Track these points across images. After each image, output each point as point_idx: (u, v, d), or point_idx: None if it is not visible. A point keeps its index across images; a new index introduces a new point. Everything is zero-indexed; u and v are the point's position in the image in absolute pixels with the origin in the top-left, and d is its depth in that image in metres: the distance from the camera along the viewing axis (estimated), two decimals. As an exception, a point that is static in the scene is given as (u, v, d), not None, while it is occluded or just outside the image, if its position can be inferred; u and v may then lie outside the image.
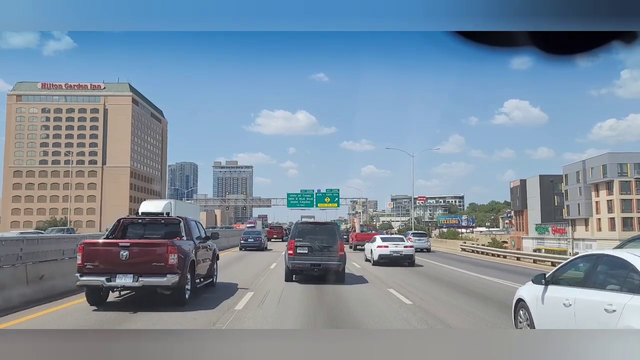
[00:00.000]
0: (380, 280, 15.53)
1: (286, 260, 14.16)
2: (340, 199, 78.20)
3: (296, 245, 13.83)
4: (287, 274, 14.11)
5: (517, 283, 12.29)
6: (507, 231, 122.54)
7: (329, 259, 13.76)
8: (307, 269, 13.91)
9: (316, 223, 15.85)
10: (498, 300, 11.67)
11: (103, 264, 8.92)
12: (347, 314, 9.45)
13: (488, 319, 9.34)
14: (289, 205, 77.88)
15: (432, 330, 7.79)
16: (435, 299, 11.81)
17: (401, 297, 11.75)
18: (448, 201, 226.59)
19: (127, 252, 8.88)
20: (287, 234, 32.15)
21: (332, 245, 13.97)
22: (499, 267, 22.90)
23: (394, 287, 13.57)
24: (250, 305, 10.04)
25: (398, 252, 20.56)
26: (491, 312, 10.15)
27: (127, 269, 8.83)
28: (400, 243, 21.29)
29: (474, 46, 1.58)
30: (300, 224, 15.12)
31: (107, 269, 8.87)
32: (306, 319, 8.86)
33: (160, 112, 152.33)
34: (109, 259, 8.93)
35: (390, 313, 9.69)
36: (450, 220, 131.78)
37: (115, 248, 9.02)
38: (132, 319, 8.47)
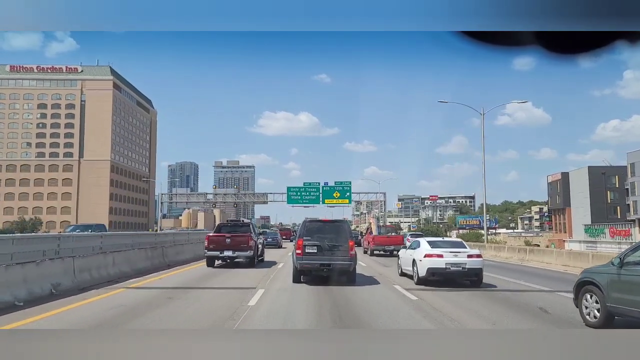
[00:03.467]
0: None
1: (294, 260, 13.95)
2: (352, 194, 64.02)
3: (304, 245, 13.70)
4: (295, 275, 13.94)
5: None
6: (537, 233, 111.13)
7: (339, 259, 13.57)
8: (316, 269, 13.75)
9: (325, 221, 15.31)
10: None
11: (216, 245, 18.94)
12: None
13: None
14: (289, 202, 63.91)
15: (435, 330, 7.55)
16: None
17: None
18: (458, 201, 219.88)
19: (229, 239, 19.04)
20: (292, 234, 37.99)
21: (342, 244, 13.75)
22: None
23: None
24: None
25: (459, 265, 13.79)
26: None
27: (229, 247, 18.86)
28: (461, 250, 14.30)
29: (477, 45, 1.61)
30: (308, 222, 14.82)
31: (219, 248, 18.88)
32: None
33: (148, 102, 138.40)
34: (219, 242, 19.00)
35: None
36: (471, 220, 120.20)
37: (222, 237, 19.21)
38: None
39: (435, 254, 13.79)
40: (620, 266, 7.25)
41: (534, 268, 22.32)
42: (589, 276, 7.99)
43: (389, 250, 28.41)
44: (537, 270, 20.74)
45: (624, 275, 7.18)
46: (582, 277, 8.22)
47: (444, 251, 13.95)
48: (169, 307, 9.65)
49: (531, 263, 24.57)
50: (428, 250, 14.07)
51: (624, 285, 7.16)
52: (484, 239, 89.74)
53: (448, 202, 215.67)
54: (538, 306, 10.39)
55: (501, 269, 21.13)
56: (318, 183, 63.64)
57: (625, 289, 7.12)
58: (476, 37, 1.56)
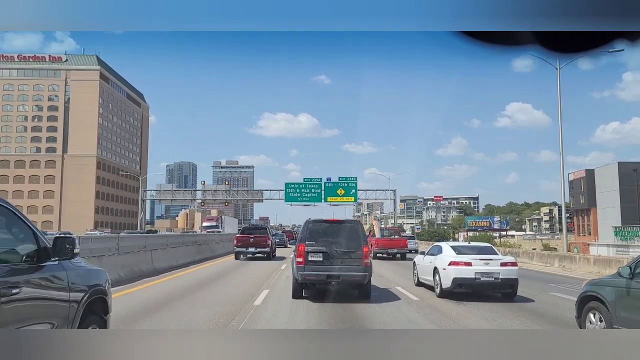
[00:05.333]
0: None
1: (294, 270, 11.59)
2: (358, 191, 57.01)
3: (307, 252, 11.26)
4: (295, 289, 11.51)
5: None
6: (553, 235, 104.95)
7: (350, 269, 11.22)
8: (321, 282, 11.47)
9: (332, 221, 12.30)
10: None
11: (243, 243, 25.58)
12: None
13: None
14: (287, 200, 56.96)
15: (435, 330, 7.52)
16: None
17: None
18: (462, 202, 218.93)
19: (252, 239, 25.66)
20: (294, 236, 41.64)
21: (354, 250, 11.37)
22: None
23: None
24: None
25: (491, 275, 11.98)
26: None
27: (252, 245, 25.47)
28: (493, 258, 12.37)
29: (477, 45, 1.60)
30: (311, 222, 12.02)
31: (245, 245, 25.51)
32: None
33: (140, 95, 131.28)
34: (245, 241, 25.63)
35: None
36: (481, 222, 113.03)
37: (247, 237, 25.86)
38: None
39: (463, 261, 12.26)
40: (631, 277, 5.91)
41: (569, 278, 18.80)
42: (593, 289, 6.76)
43: (392, 253, 28.53)
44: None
45: (634, 289, 5.81)
46: (585, 291, 6.98)
47: (473, 258, 12.33)
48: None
49: (554, 270, 22.46)
50: (453, 257, 12.52)
51: (635, 302, 5.82)
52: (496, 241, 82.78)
53: (451, 203, 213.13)
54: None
55: (531, 279, 17.47)
56: (320, 179, 56.65)
57: (636, 307, 5.82)
58: (476, 37, 1.55)
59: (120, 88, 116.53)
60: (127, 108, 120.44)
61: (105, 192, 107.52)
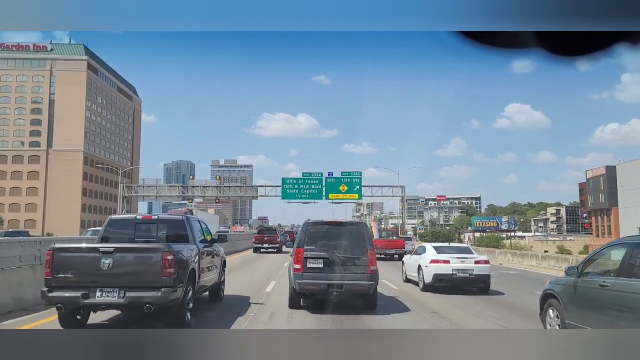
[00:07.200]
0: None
1: (291, 278, 10.65)
2: (362, 188, 51.62)
3: (306, 257, 10.31)
4: (291, 298, 10.71)
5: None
6: (565, 237, 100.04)
7: (354, 277, 10.28)
8: (321, 292, 10.36)
9: (335, 223, 11.31)
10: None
11: (259, 240, 25.81)
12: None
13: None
14: (284, 197, 51.60)
15: (435, 330, 7.63)
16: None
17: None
18: (464, 202, 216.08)
19: (267, 237, 25.24)
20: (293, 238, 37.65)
21: (359, 255, 10.51)
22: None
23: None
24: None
25: (466, 271, 13.88)
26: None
27: (266, 242, 24.52)
28: (468, 256, 14.33)
29: (476, 46, 1.61)
30: (310, 224, 11.10)
31: (260, 242, 25.19)
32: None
33: (132, 89, 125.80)
34: (261, 239, 26.16)
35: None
36: (488, 222, 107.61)
37: (262, 236, 26.79)
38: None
39: (442, 259, 14.13)
40: (579, 276, 6.72)
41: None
42: (552, 287, 7.49)
43: (390, 254, 28.72)
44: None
45: (580, 287, 6.63)
46: (546, 289, 7.66)
47: (451, 257, 14.23)
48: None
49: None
50: (434, 255, 14.36)
51: (581, 299, 6.61)
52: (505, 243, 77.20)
53: (453, 204, 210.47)
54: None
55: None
56: (320, 174, 51.25)
57: (582, 302, 6.59)
58: (476, 38, 1.56)
59: (110, 80, 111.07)
60: (117, 101, 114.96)
61: (93, 189, 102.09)
